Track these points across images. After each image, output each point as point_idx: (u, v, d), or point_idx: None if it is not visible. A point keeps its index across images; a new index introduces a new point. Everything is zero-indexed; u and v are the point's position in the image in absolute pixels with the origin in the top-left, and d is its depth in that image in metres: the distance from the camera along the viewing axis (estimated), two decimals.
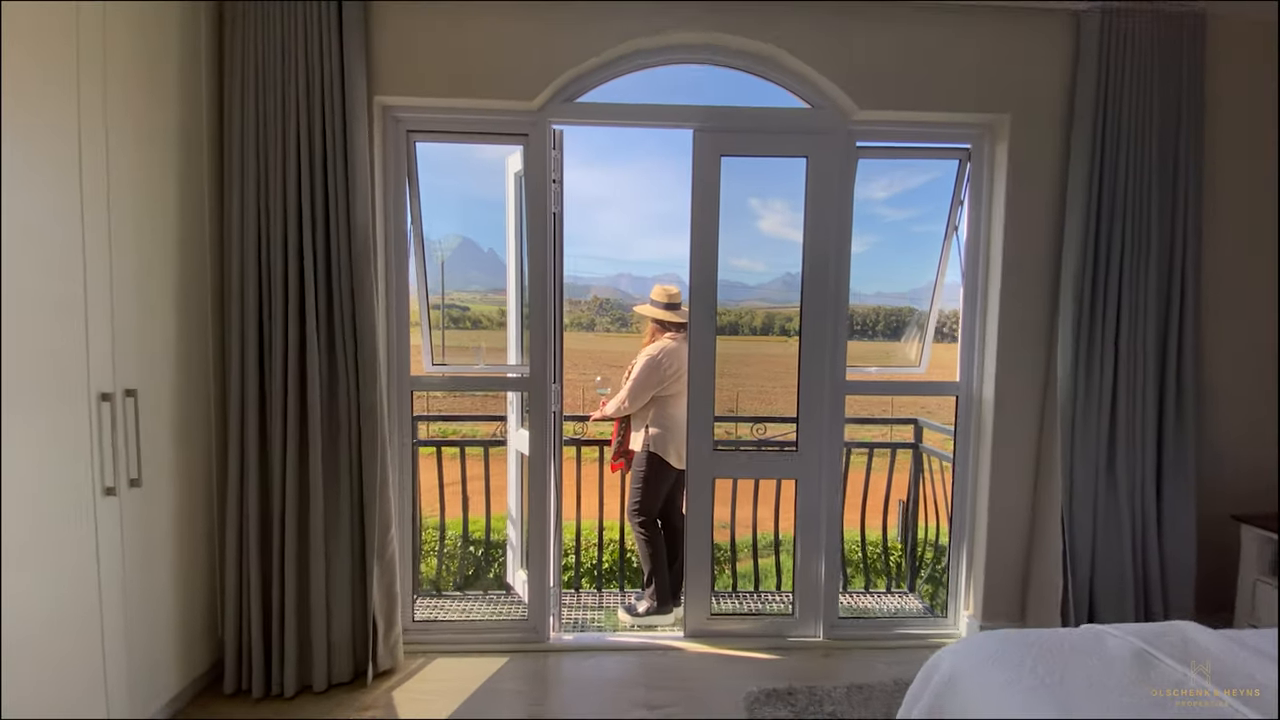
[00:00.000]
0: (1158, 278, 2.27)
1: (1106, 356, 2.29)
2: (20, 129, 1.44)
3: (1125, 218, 2.26)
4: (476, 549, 3.55)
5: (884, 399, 10.70)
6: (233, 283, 2.06)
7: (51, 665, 1.57)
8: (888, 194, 5.49)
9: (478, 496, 3.20)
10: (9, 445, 1.43)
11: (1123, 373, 2.29)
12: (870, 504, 3.35)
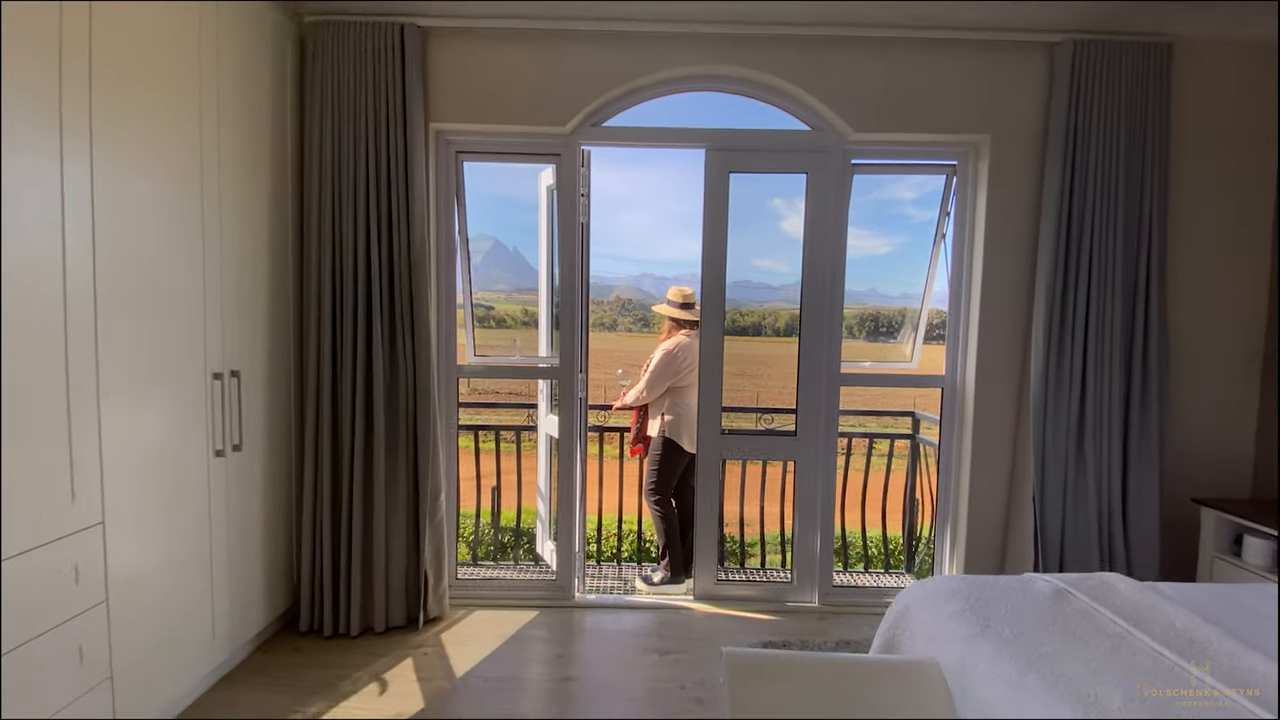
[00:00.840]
0: (1124, 280, 2.52)
1: (1076, 352, 2.55)
2: (160, 175, 1.82)
3: (1093, 226, 2.51)
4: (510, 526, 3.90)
5: (896, 394, 10.79)
6: (311, 283, 2.44)
7: (182, 629, 1.95)
8: (917, 194, 5.66)
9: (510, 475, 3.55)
10: (154, 424, 1.82)
11: (1090, 367, 2.54)
12: (872, 492, 3.63)
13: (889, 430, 3.71)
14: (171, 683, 1.94)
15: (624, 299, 61.18)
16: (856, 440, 3.69)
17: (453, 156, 2.70)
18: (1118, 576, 1.72)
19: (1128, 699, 1.17)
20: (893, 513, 3.80)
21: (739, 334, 3.46)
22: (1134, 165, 2.52)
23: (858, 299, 7.08)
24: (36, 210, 1.45)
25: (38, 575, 1.47)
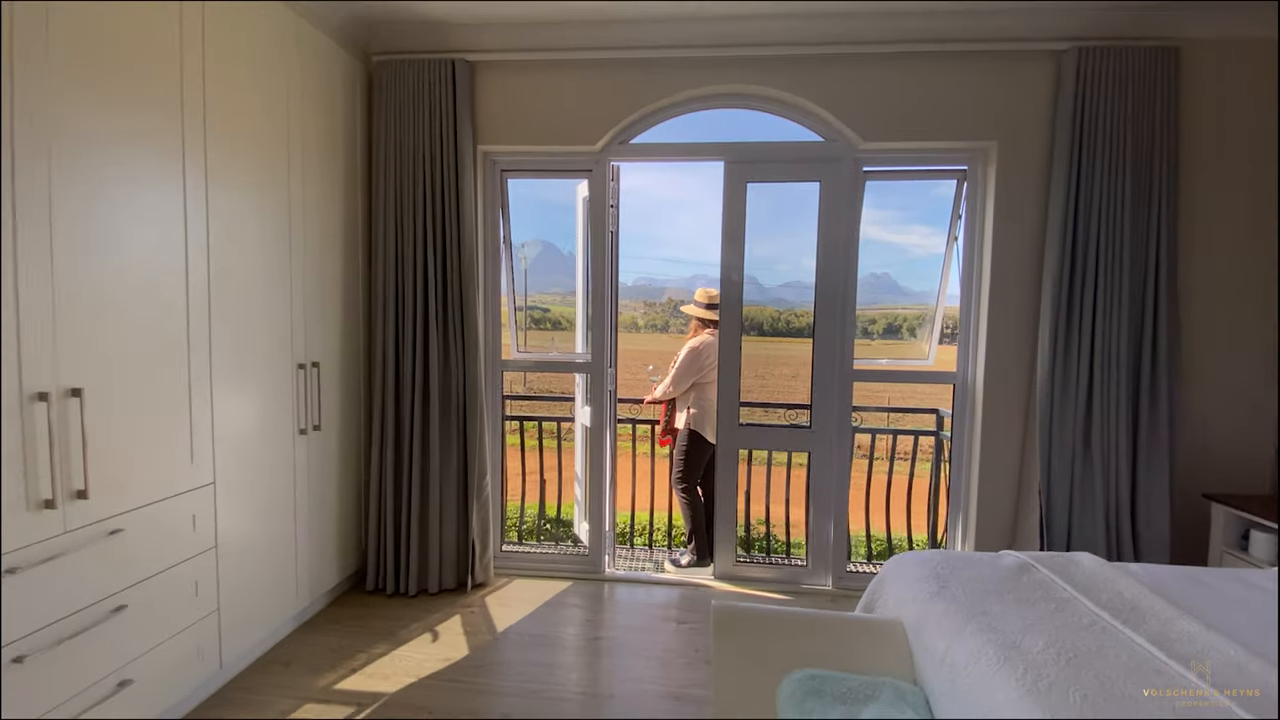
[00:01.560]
0: (1131, 281, 2.59)
1: (1083, 350, 2.64)
2: (252, 186, 2.22)
3: (1100, 227, 2.60)
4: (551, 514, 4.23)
5: (922, 392, 10.52)
6: (378, 288, 2.82)
7: (272, 580, 2.35)
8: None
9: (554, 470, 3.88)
10: (252, 405, 2.21)
11: (1098, 365, 2.63)
12: (898, 488, 3.75)
13: (911, 428, 3.81)
14: (264, 621, 2.34)
15: (676, 300, 61.39)
16: (881, 436, 3.82)
17: (498, 174, 3.04)
18: (1088, 555, 1.86)
19: (1048, 644, 1.34)
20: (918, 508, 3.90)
21: (793, 336, 3.63)
22: (1141, 166, 2.59)
23: (918, 299, 7.05)
24: (163, 233, 1.85)
25: (166, 521, 1.87)
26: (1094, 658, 1.30)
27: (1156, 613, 1.49)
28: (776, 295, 4.71)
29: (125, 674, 1.75)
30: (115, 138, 1.67)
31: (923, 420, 3.77)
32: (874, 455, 3.72)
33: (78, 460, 1.59)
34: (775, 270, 3.27)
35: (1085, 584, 1.66)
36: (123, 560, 1.74)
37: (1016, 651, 1.33)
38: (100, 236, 1.64)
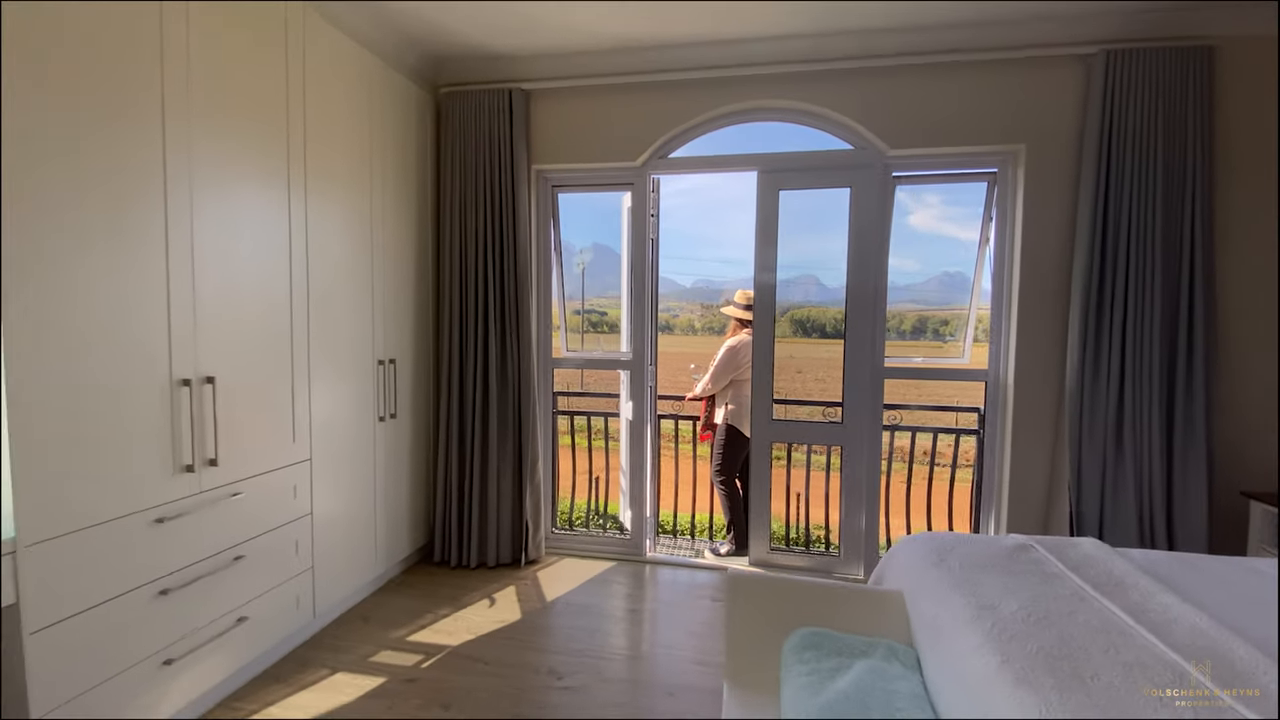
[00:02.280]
0: (1164, 278, 2.61)
1: (1114, 345, 2.68)
2: (341, 204, 2.59)
3: (1131, 225, 2.64)
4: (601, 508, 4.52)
5: (963, 390, 10.15)
6: (444, 293, 3.18)
7: (356, 545, 2.72)
8: None
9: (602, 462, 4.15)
10: (342, 395, 2.59)
11: (1130, 359, 2.67)
12: (937, 486, 3.83)
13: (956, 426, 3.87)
14: (348, 581, 2.71)
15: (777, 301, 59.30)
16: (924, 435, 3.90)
17: (549, 190, 3.35)
18: (1091, 540, 1.96)
19: (1022, 607, 1.50)
20: (960, 505, 3.95)
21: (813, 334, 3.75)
22: (1174, 166, 2.62)
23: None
24: (280, 231, 2.23)
25: (274, 488, 2.25)
26: (1063, 619, 1.45)
27: (1139, 587, 1.61)
28: (839, 296, 4.77)
29: (242, 612, 2.13)
30: (238, 168, 2.06)
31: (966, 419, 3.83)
32: (914, 455, 3.81)
33: (210, 434, 1.97)
34: (840, 270, 3.34)
35: (1078, 562, 1.78)
36: (242, 518, 2.12)
37: (991, 611, 1.49)
38: (227, 251, 2.03)
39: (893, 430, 3.49)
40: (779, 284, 3.20)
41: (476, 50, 3.09)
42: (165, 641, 1.86)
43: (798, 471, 3.83)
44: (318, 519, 2.49)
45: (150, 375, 1.79)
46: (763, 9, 2.63)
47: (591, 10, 2.65)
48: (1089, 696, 1.16)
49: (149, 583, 1.80)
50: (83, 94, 1.60)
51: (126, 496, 1.74)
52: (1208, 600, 1.56)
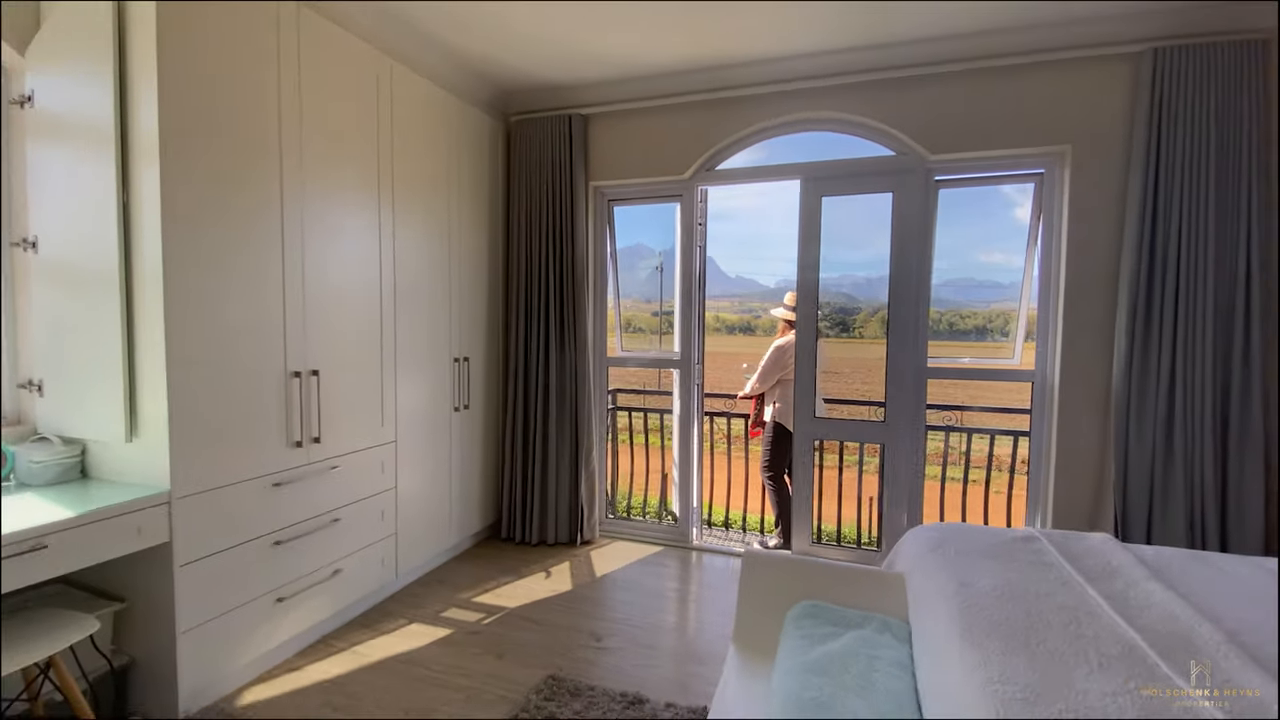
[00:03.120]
0: (1217, 275, 2.55)
1: (1164, 345, 2.63)
2: (423, 221, 3.01)
3: (1181, 221, 2.59)
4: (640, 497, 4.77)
5: (1010, 391, 9.50)
6: (512, 298, 3.56)
7: (433, 518, 3.13)
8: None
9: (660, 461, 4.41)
10: (422, 388, 3.00)
11: (1180, 360, 2.61)
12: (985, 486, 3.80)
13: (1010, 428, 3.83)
14: (426, 549, 3.12)
15: (821, 304, 58.31)
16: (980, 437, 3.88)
17: (605, 203, 3.66)
18: (1102, 535, 2.00)
19: (998, 585, 1.61)
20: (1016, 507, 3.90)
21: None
22: (1228, 161, 2.55)
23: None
24: (371, 247, 2.66)
25: (365, 464, 2.68)
26: (1037, 598, 1.56)
27: (1129, 577, 1.67)
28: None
29: (337, 565, 2.55)
30: (338, 196, 2.49)
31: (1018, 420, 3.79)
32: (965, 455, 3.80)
33: (315, 417, 2.41)
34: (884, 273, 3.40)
35: (1078, 554, 1.85)
36: (338, 487, 2.55)
37: (969, 588, 1.62)
38: (328, 266, 2.46)
39: (947, 432, 3.53)
40: (823, 287, 3.34)
41: (541, 83, 3.44)
42: (278, 583, 2.30)
43: (846, 470, 3.93)
44: (401, 493, 2.90)
45: (270, 369, 2.23)
46: (797, 30, 2.80)
47: (639, 42, 2.92)
48: (1030, 660, 1.29)
49: (266, 534, 2.25)
50: (223, 155, 2.05)
51: (251, 464, 2.18)
52: (1198, 591, 1.61)
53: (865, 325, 4.27)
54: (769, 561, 2.11)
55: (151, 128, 1.87)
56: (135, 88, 1.88)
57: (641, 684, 2.22)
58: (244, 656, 2.18)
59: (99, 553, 1.76)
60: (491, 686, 2.20)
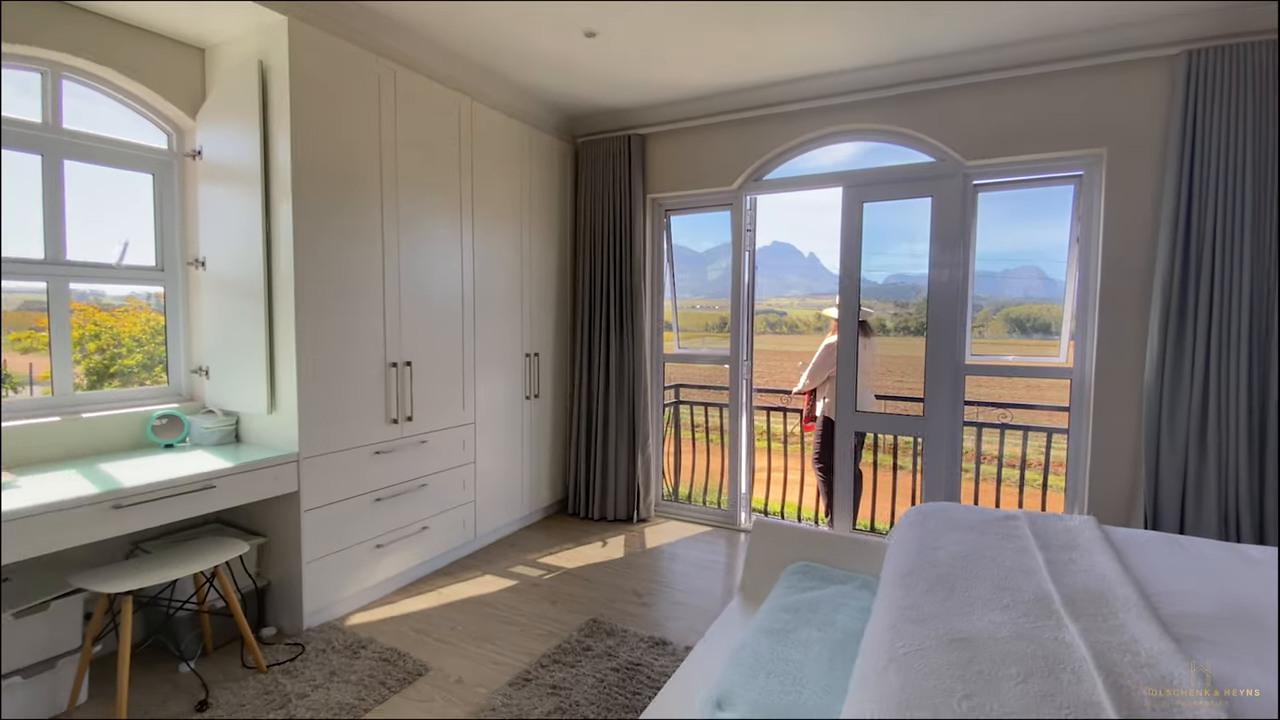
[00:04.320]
0: (1253, 275, 2.53)
1: (1198, 344, 2.64)
2: (498, 234, 3.50)
3: (1217, 223, 2.59)
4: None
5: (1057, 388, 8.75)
6: (578, 299, 4.00)
7: (507, 489, 3.62)
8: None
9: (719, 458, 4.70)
10: (498, 378, 3.50)
11: (1214, 358, 2.61)
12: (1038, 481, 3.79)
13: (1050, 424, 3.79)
14: (500, 516, 3.61)
15: (869, 302, 54.22)
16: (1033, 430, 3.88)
17: (661, 213, 4.01)
18: (1084, 517, 2.09)
19: (953, 551, 1.81)
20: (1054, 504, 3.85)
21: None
22: (1264, 160, 2.52)
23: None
24: (454, 258, 3.17)
25: (449, 440, 3.19)
26: (984, 560, 1.74)
27: (1085, 549, 1.80)
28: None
29: (425, 523, 3.08)
30: (426, 214, 3.02)
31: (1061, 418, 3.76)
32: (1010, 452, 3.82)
33: (408, 399, 2.94)
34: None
35: (1050, 530, 1.97)
36: (426, 458, 3.08)
37: (931, 550, 1.83)
38: (420, 271, 2.99)
39: (980, 428, 3.59)
40: (876, 286, 3.52)
41: (604, 108, 3.85)
42: (377, 532, 2.84)
43: (889, 464, 4.05)
44: (479, 467, 3.41)
45: (373, 360, 2.78)
46: (836, 50, 3.03)
47: (692, 70, 3.25)
48: (944, 598, 1.51)
49: (369, 492, 2.79)
50: (338, 186, 2.61)
51: (358, 435, 2.73)
52: (1146, 564, 1.74)
53: (909, 323, 4.36)
54: (775, 528, 2.39)
55: (286, 169, 2.44)
56: (274, 139, 2.47)
57: (668, 631, 2.57)
58: (351, 589, 2.74)
59: (249, 494, 2.34)
60: (543, 624, 2.63)
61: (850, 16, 2.68)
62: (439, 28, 2.84)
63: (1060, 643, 1.30)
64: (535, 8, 2.62)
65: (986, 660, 1.23)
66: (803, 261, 40.26)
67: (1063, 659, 1.24)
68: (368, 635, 2.53)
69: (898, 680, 1.17)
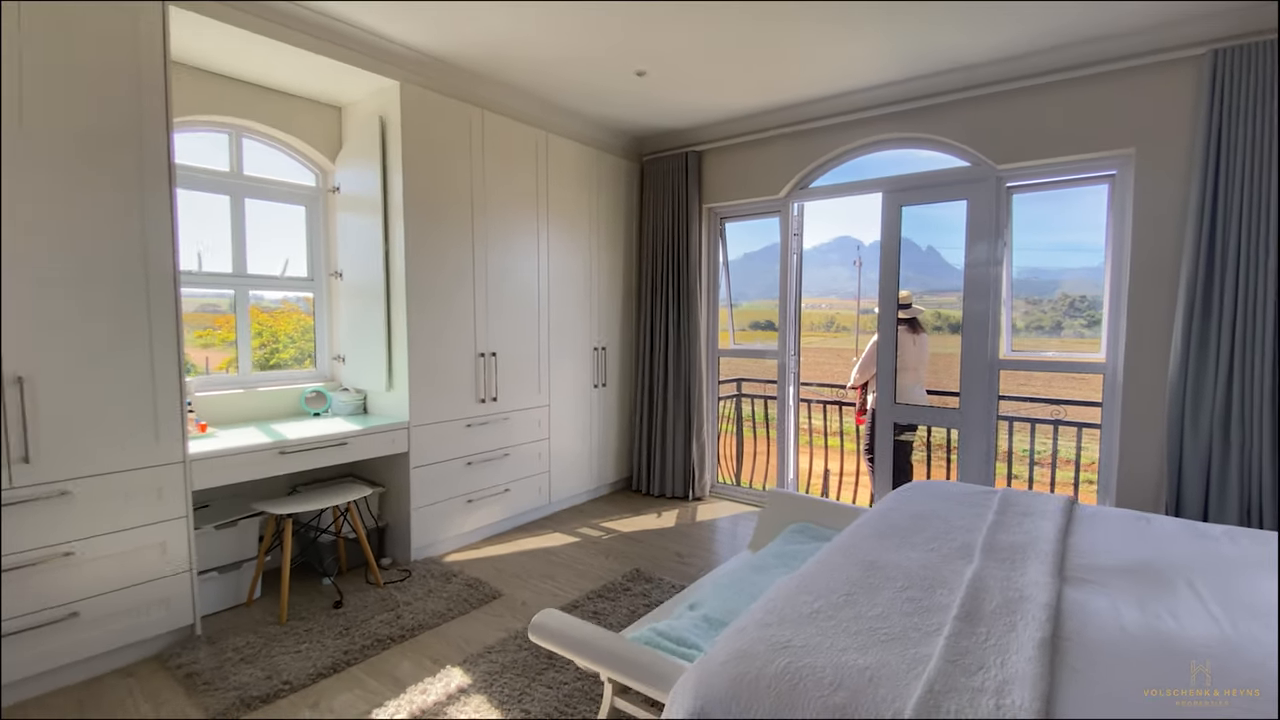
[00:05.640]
0: (1278, 269, 2.58)
1: (1222, 342, 2.70)
2: (570, 243, 4.08)
3: (1242, 222, 2.64)
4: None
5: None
6: (641, 298, 4.50)
7: (577, 464, 4.20)
8: None
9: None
10: (570, 368, 4.08)
11: (1239, 356, 2.66)
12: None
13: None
14: (570, 487, 4.19)
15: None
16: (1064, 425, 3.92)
17: (716, 221, 4.42)
18: (1064, 496, 2.31)
19: (919, 510, 2.12)
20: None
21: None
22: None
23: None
24: (531, 264, 3.78)
25: (527, 420, 3.81)
26: (939, 520, 2.05)
27: (1037, 518, 2.05)
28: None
29: (507, 486, 3.71)
30: (510, 226, 3.64)
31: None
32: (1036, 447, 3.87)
33: (494, 383, 3.57)
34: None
35: (1016, 504, 2.20)
36: (509, 432, 3.70)
37: (891, 511, 2.15)
38: (503, 277, 3.61)
39: (1011, 421, 3.69)
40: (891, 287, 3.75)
41: (663, 130, 4.33)
42: (469, 490, 3.49)
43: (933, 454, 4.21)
44: (553, 444, 4.00)
45: (466, 349, 3.43)
46: (869, 68, 3.32)
47: (745, 95, 3.66)
48: (880, 542, 1.85)
49: (461, 457, 3.45)
50: (438, 208, 3.27)
51: (454, 410, 3.39)
52: (1092, 533, 1.97)
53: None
54: (786, 496, 2.77)
55: (399, 198, 3.12)
56: (390, 175, 3.16)
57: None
58: (448, 533, 3.41)
59: (371, 451, 3.04)
60: (595, 571, 3.16)
61: (879, 40, 2.98)
62: (518, 78, 3.44)
63: (955, 573, 1.64)
64: (591, 58, 3.15)
65: (883, 578, 1.60)
66: (920, 256, 38.49)
67: (947, 580, 1.58)
68: (458, 568, 3.18)
69: (798, 583, 1.57)
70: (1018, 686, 1.12)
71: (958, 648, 1.26)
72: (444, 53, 3.15)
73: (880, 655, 1.24)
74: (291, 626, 2.59)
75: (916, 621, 1.38)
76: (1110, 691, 1.14)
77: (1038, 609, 1.41)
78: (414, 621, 2.61)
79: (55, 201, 2.09)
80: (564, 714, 2.01)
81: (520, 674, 2.23)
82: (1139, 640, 1.32)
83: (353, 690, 2.18)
